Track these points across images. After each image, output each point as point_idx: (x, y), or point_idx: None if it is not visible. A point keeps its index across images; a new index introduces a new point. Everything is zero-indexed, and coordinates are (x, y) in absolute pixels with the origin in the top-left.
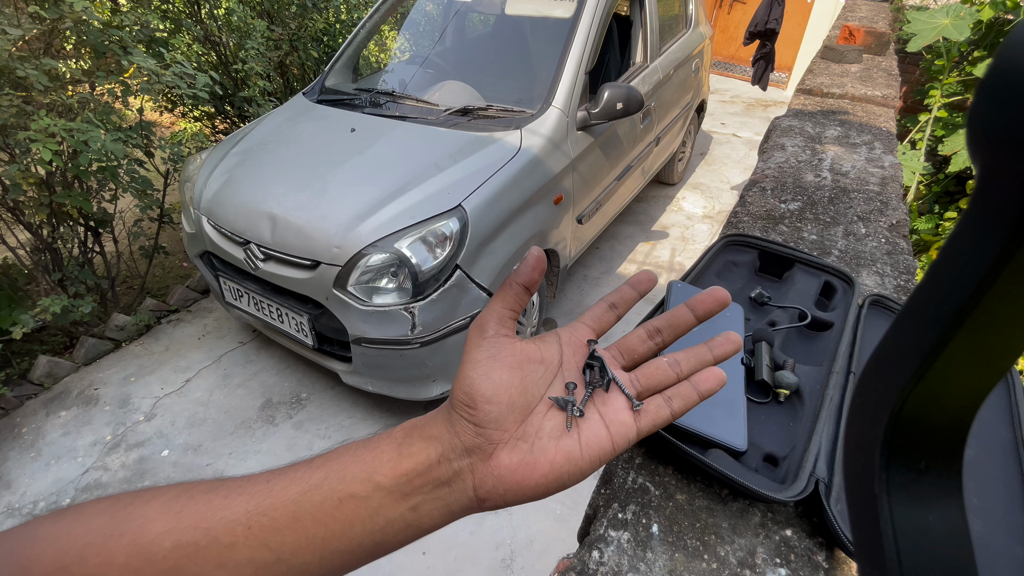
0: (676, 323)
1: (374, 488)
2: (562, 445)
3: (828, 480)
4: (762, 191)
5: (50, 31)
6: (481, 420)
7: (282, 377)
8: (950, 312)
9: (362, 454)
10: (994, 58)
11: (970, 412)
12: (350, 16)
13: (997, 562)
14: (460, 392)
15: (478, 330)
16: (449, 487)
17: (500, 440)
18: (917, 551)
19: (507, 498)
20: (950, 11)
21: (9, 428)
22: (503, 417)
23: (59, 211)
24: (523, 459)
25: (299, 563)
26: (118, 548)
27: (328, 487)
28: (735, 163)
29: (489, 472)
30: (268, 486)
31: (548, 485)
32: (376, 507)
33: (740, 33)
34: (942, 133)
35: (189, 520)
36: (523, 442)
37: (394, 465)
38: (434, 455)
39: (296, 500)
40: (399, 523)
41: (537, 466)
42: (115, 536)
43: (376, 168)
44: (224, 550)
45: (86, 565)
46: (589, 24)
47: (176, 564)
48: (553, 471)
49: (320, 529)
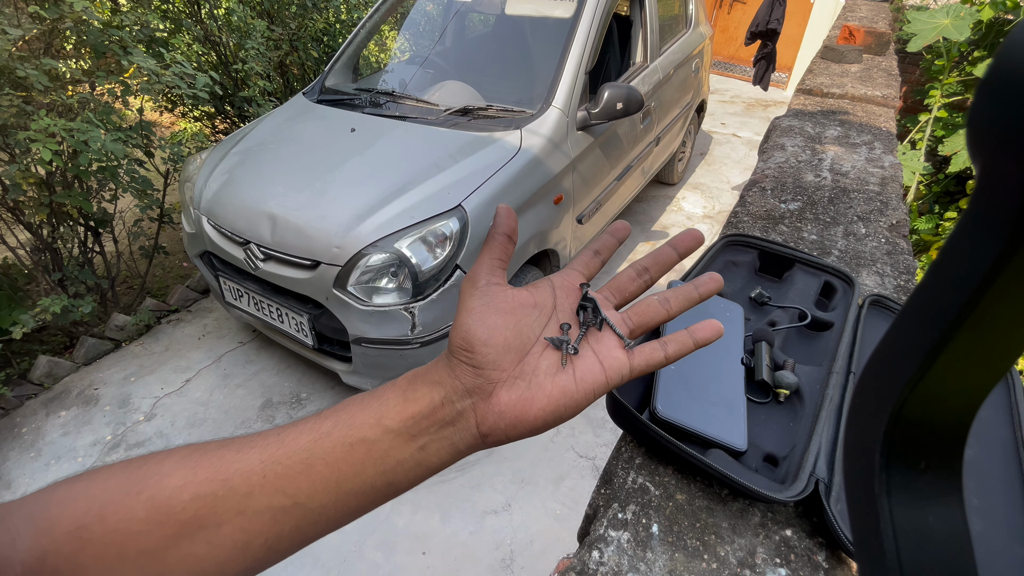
0: (662, 260)
1: (383, 431)
2: (558, 380)
3: (828, 480)
4: (762, 191)
5: (50, 31)
6: (479, 362)
7: (282, 377)
8: (950, 312)
9: (369, 402)
10: (994, 58)
11: (970, 412)
12: (350, 16)
13: (997, 562)
14: (457, 338)
15: (470, 281)
16: (454, 426)
17: (498, 379)
18: (917, 551)
19: (509, 433)
20: (950, 11)
21: (9, 428)
22: (499, 358)
23: (59, 211)
24: (521, 395)
25: (316, 506)
26: (136, 504)
27: (339, 433)
28: (735, 163)
29: (490, 409)
30: (279, 438)
31: (546, 418)
32: (386, 449)
33: (740, 33)
34: (942, 133)
35: (205, 473)
36: (521, 380)
37: (400, 409)
38: (438, 398)
39: (308, 448)
40: (409, 463)
41: (535, 401)
42: (133, 493)
43: (376, 168)
44: (242, 498)
45: (106, 523)
46: (589, 24)
47: (196, 515)
48: (551, 404)
49: (333, 473)
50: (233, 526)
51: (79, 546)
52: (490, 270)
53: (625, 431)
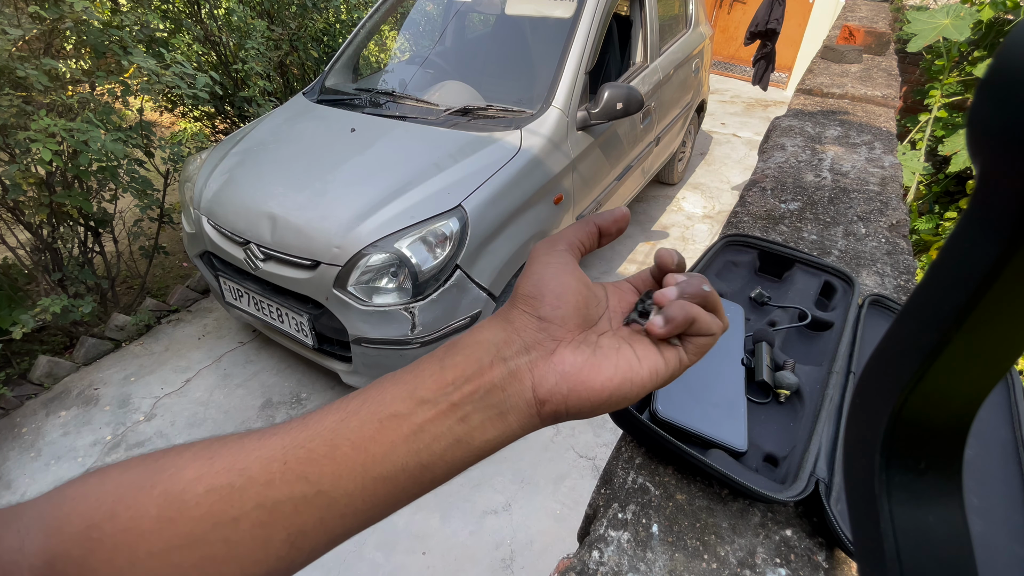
0: None
1: (417, 403)
2: (623, 354)
3: (828, 480)
4: (762, 191)
5: (50, 31)
6: (547, 314)
7: (282, 377)
8: (950, 312)
9: (402, 375)
10: (994, 58)
11: (970, 412)
12: (350, 16)
13: (997, 562)
14: (527, 285)
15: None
16: (504, 391)
17: (563, 338)
18: (917, 551)
19: (569, 401)
20: (950, 11)
21: (9, 428)
22: (568, 317)
23: (59, 211)
24: (587, 359)
25: (340, 494)
26: (149, 500)
27: (367, 410)
28: (735, 163)
29: (552, 368)
30: (303, 421)
31: (613, 390)
32: (420, 423)
33: (740, 33)
34: (942, 133)
35: (223, 463)
36: (585, 346)
37: (437, 378)
38: (486, 358)
39: (333, 428)
40: (447, 438)
41: (602, 368)
42: (146, 488)
43: (376, 168)
44: (261, 488)
45: (117, 520)
46: (589, 24)
47: (211, 509)
48: (618, 374)
49: (360, 455)
50: (251, 520)
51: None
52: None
53: (625, 431)
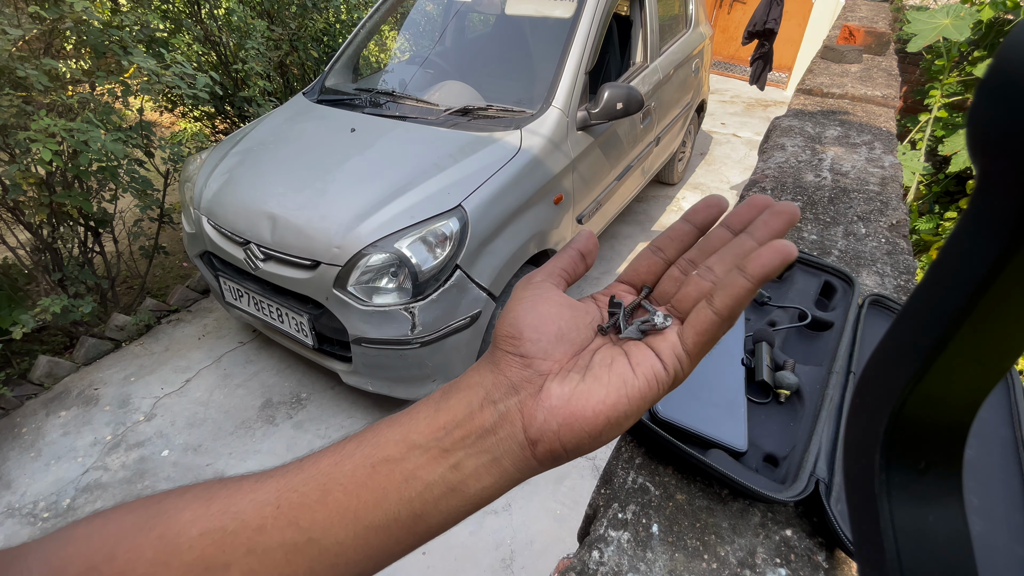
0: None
1: (409, 447)
2: (615, 368)
3: (828, 480)
4: (762, 191)
5: (50, 31)
6: (527, 350)
7: (282, 377)
8: (950, 312)
9: (399, 418)
10: (994, 58)
11: (970, 412)
12: (350, 16)
13: (997, 562)
14: (504, 326)
15: (526, 279)
16: (495, 434)
17: (549, 371)
18: (917, 551)
19: (562, 436)
20: (950, 11)
21: (9, 428)
22: (551, 347)
23: (59, 211)
24: (575, 388)
25: (332, 543)
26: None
27: (361, 454)
28: (735, 163)
29: (539, 406)
30: (300, 464)
31: (608, 414)
32: (412, 469)
33: (740, 33)
34: (942, 133)
35: (218, 506)
36: (574, 373)
37: (431, 421)
38: (476, 401)
39: (327, 472)
40: (439, 487)
41: (592, 393)
42: (144, 530)
43: (376, 168)
44: (253, 534)
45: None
46: (589, 24)
47: (203, 553)
48: (611, 396)
49: (352, 501)
50: (241, 567)
51: None
52: (550, 273)
53: (625, 431)
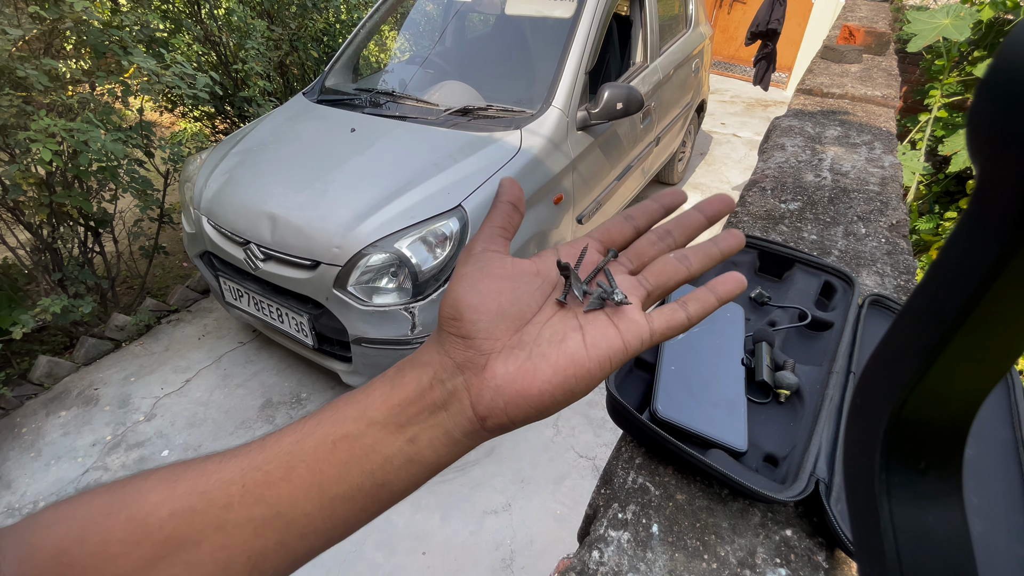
0: (687, 223)
1: (367, 424)
2: (565, 348)
3: (828, 480)
4: (762, 191)
5: (50, 31)
6: (468, 331)
7: (282, 377)
8: (950, 312)
9: (356, 395)
10: (994, 58)
11: (970, 412)
12: (350, 16)
13: (997, 562)
14: (446, 307)
15: (466, 250)
16: (446, 410)
17: (492, 350)
18: (917, 551)
19: (510, 412)
20: (950, 11)
21: (9, 428)
22: (492, 326)
23: (59, 211)
24: (521, 366)
25: (299, 515)
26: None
27: (321, 432)
28: (735, 163)
29: (485, 385)
30: (262, 443)
31: (554, 392)
32: (371, 444)
33: (740, 33)
34: (942, 133)
35: (184, 487)
36: (519, 350)
37: (386, 398)
38: (426, 380)
39: (289, 450)
40: (398, 458)
41: (538, 372)
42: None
43: (376, 168)
44: (221, 511)
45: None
46: (589, 24)
47: (173, 532)
48: (557, 374)
49: (316, 476)
50: (212, 543)
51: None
52: (489, 237)
53: (625, 431)
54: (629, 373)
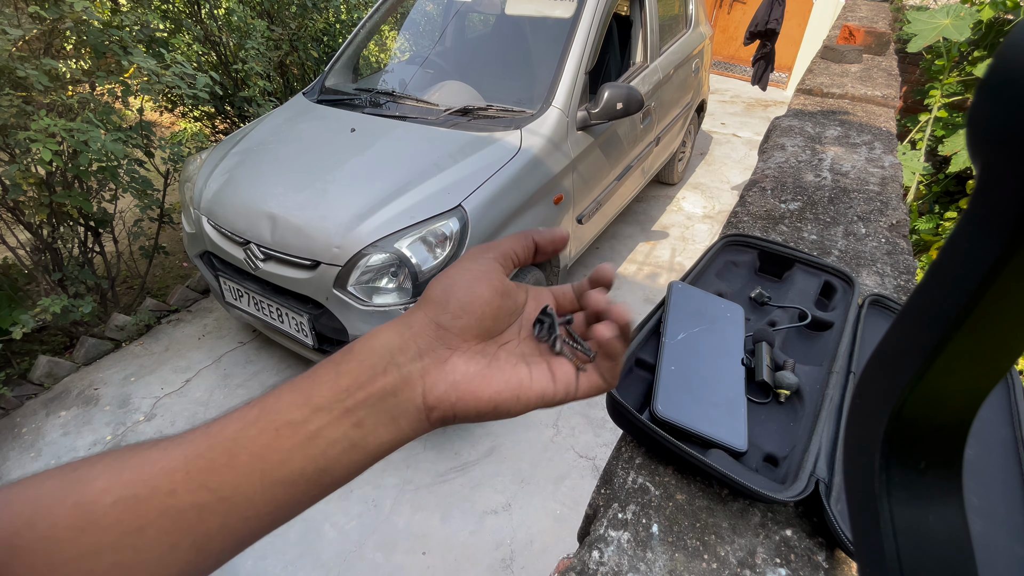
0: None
1: (312, 411)
2: (517, 371)
3: (828, 480)
4: (762, 191)
5: (50, 31)
6: (446, 322)
7: (282, 377)
8: (950, 312)
9: (299, 382)
10: (994, 58)
11: (970, 412)
12: (350, 16)
13: (997, 562)
14: (437, 288)
15: (481, 249)
16: (395, 397)
17: (458, 347)
18: (917, 551)
19: (458, 408)
20: (950, 11)
21: (9, 428)
22: (469, 327)
23: (59, 211)
24: (481, 370)
25: (241, 499)
26: (63, 510)
27: (265, 419)
28: (735, 163)
29: (443, 376)
30: (206, 430)
31: (498, 404)
32: (315, 430)
33: (740, 33)
34: (942, 133)
35: (129, 475)
36: (481, 357)
37: (332, 385)
38: (380, 364)
39: (233, 438)
40: (342, 443)
41: (493, 382)
42: (61, 499)
43: (376, 168)
44: (165, 498)
45: (35, 529)
46: (589, 24)
47: (119, 519)
48: (507, 390)
49: (258, 462)
50: (157, 528)
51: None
52: (505, 255)
53: (625, 431)
54: (629, 373)
